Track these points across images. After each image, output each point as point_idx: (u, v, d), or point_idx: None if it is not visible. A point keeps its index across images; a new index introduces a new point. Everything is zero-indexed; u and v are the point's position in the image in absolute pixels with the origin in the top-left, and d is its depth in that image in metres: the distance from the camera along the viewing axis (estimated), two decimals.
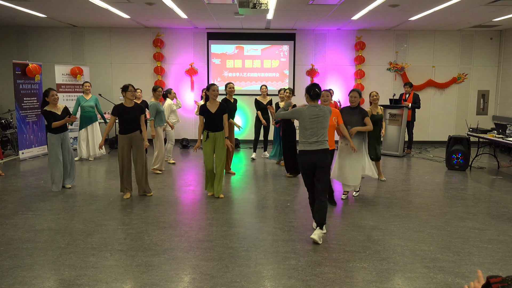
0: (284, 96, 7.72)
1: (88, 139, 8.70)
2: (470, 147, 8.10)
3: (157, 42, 10.93)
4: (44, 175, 7.37)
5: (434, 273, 3.60)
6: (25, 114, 8.96)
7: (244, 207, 5.53)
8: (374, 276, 3.54)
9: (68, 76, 9.98)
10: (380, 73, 11.30)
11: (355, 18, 9.22)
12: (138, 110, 5.86)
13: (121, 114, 5.76)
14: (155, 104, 7.36)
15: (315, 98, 4.36)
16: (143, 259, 3.84)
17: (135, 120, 5.82)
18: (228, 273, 3.57)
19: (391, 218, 5.10)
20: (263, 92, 8.68)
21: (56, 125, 6.01)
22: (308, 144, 4.29)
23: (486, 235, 4.57)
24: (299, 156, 4.35)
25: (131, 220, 4.94)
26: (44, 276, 3.49)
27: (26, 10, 8.63)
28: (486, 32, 11.12)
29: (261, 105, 8.67)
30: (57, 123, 6.02)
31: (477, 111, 11.47)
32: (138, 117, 5.86)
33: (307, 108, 4.33)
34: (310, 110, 4.31)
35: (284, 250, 4.08)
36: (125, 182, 5.96)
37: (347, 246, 4.20)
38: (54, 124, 5.99)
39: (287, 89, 7.68)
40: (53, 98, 6.03)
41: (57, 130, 6.10)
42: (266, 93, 8.71)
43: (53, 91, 6.06)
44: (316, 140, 4.28)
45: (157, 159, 7.53)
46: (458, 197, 6.13)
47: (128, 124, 5.79)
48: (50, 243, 4.23)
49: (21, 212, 5.26)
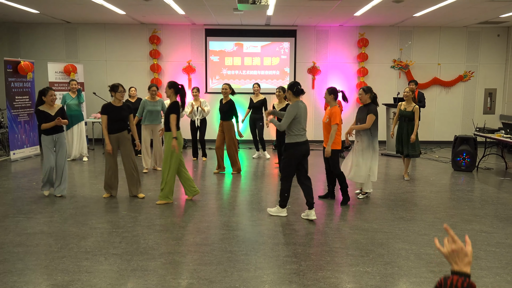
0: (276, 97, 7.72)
1: (74, 138, 8.71)
2: (477, 148, 8.10)
3: (154, 39, 10.93)
4: (36, 176, 7.36)
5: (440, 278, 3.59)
6: (16, 113, 8.95)
7: (243, 209, 5.52)
8: (378, 281, 3.53)
9: (61, 74, 9.97)
10: (383, 71, 11.30)
11: (358, 14, 9.22)
12: (126, 109, 5.89)
13: (109, 113, 5.80)
14: (142, 101, 7.57)
15: (298, 94, 5.03)
16: (138, 263, 3.83)
17: (122, 119, 5.86)
18: (227, 277, 3.56)
19: (396, 221, 5.10)
20: (256, 91, 8.72)
21: (45, 127, 5.85)
22: (302, 136, 4.99)
23: (494, 238, 4.56)
24: (297, 146, 4.95)
25: (126, 223, 4.93)
26: (36, 281, 3.48)
27: (18, 6, 8.62)
28: (493, 29, 11.13)
29: (252, 104, 8.69)
30: (46, 125, 5.85)
31: (484, 110, 11.47)
32: (126, 117, 5.89)
33: (301, 102, 5.00)
34: (302, 104, 5.04)
35: (284, 254, 4.07)
36: (108, 181, 6.01)
37: (350, 249, 4.19)
38: (43, 126, 5.84)
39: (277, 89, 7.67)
40: (51, 98, 5.90)
41: (48, 131, 5.93)
42: (259, 92, 8.74)
43: (52, 91, 5.93)
44: (305, 133, 5.06)
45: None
46: (465, 199, 6.12)
47: (115, 124, 5.83)
48: (42, 247, 4.22)
49: (12, 214, 5.25)
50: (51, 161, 5.97)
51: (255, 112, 8.72)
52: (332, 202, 5.87)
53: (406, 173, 7.38)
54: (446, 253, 1.41)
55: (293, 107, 4.91)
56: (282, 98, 7.57)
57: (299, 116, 4.91)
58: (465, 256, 1.36)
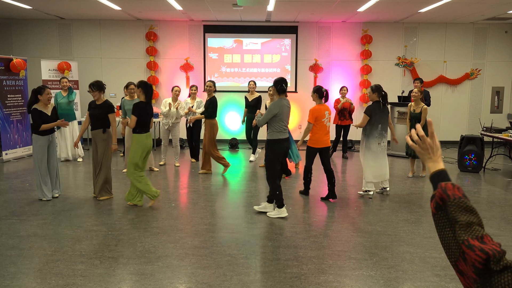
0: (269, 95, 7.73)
1: (67, 138, 8.72)
2: (483, 148, 8.10)
3: (150, 35, 10.93)
4: (29, 177, 7.37)
5: (446, 282, 3.60)
6: (9, 112, 8.96)
7: (242, 211, 5.53)
8: (381, 285, 3.54)
9: (55, 72, 9.98)
10: (388, 69, 11.31)
11: (361, 10, 9.23)
12: (105, 108, 5.97)
13: (89, 110, 6.06)
14: (122, 101, 7.70)
15: (282, 92, 5.25)
16: (135, 267, 3.84)
17: (99, 118, 5.95)
18: (226, 281, 3.57)
19: (400, 223, 5.11)
20: (251, 89, 8.67)
21: (46, 127, 5.82)
22: (284, 133, 5.23)
23: (501, 241, 4.57)
24: (279, 143, 5.19)
25: (122, 226, 4.94)
26: (29, 285, 3.49)
27: (10, 1, 8.63)
28: (501, 25, 11.14)
29: (247, 102, 8.68)
30: (47, 125, 5.82)
31: (491, 109, 11.48)
32: (102, 116, 5.95)
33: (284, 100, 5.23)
34: (286, 102, 5.26)
35: (285, 257, 4.08)
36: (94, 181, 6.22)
37: (352, 253, 4.20)
38: (44, 127, 5.80)
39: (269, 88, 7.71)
40: (47, 97, 5.87)
41: (45, 132, 5.90)
42: (254, 90, 8.69)
43: (48, 89, 5.92)
44: (287, 130, 5.31)
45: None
46: (471, 200, 6.13)
47: (92, 121, 6.01)
48: (36, 250, 4.22)
49: (5, 217, 5.25)
50: (45, 162, 5.95)
51: (251, 111, 8.63)
52: (334, 204, 5.88)
53: (424, 170, 7.82)
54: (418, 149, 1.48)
55: (275, 105, 5.16)
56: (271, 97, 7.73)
57: (281, 114, 5.15)
58: (438, 149, 1.45)
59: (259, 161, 8.91)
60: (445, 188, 1.32)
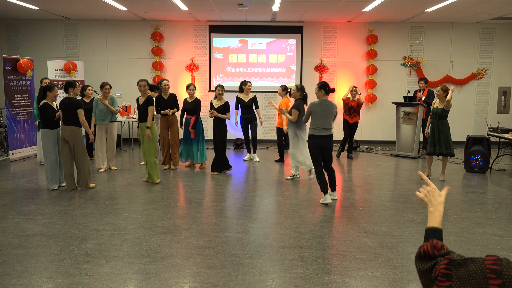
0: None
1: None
2: (490, 148, 8.06)
3: (156, 35, 10.97)
4: (35, 176, 7.42)
5: None
6: (16, 112, 9.02)
7: (247, 211, 5.54)
8: (387, 285, 3.53)
9: (61, 72, 10.03)
10: (393, 69, 11.27)
11: (367, 9, 9.21)
12: (74, 103, 6.30)
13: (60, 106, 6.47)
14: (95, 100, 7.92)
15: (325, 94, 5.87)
16: (140, 267, 3.85)
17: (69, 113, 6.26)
18: (231, 281, 3.58)
19: (405, 224, 5.09)
20: (248, 89, 8.61)
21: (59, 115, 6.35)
22: (318, 130, 5.74)
23: (508, 242, 4.54)
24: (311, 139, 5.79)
25: (127, 225, 4.96)
26: (36, 284, 3.51)
27: (17, 2, 8.69)
28: (508, 25, 11.06)
29: (243, 103, 8.57)
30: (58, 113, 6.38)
31: (497, 109, 11.40)
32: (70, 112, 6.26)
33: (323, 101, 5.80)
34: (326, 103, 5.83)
35: (290, 257, 4.08)
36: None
37: (358, 253, 4.19)
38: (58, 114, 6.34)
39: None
40: (56, 95, 6.42)
41: (54, 125, 6.39)
42: (250, 90, 8.64)
43: (57, 88, 6.50)
44: (321, 128, 5.77)
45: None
46: (478, 201, 6.10)
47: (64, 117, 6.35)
48: (42, 249, 4.25)
49: (11, 216, 5.30)
50: (54, 155, 6.44)
51: (248, 112, 8.60)
52: (339, 205, 5.87)
53: (443, 173, 7.40)
54: (422, 196, 1.58)
55: (311, 105, 5.84)
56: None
57: (315, 113, 5.76)
58: (439, 195, 1.54)
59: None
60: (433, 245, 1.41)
